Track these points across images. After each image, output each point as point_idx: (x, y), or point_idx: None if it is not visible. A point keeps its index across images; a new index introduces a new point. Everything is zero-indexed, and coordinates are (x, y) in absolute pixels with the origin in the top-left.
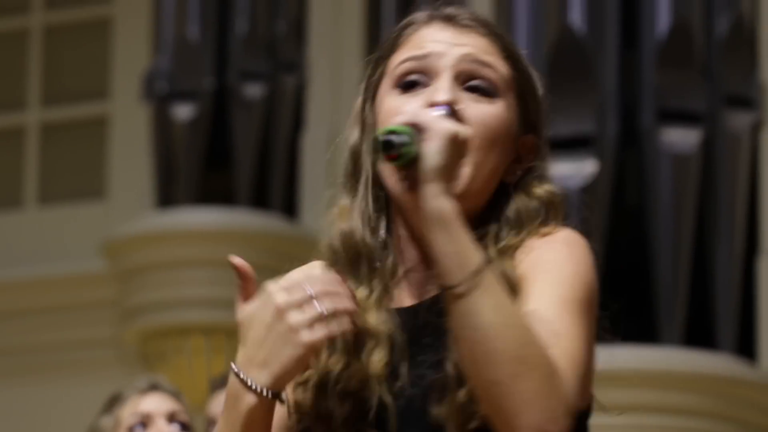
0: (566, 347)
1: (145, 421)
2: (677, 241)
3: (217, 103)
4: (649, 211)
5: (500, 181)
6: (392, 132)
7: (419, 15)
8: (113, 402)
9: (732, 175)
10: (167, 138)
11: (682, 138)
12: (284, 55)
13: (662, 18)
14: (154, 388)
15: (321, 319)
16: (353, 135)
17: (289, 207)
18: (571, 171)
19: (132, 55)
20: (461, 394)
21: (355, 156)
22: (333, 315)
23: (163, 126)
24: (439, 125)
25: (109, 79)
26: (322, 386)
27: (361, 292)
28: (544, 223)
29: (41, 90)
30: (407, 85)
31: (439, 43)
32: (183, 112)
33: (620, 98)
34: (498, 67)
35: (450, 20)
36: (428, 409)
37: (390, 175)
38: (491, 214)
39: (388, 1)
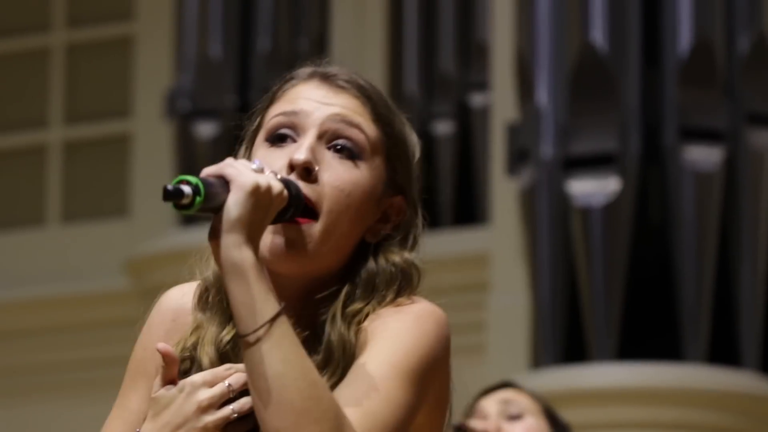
0: (376, 408)
1: None
2: (700, 259)
3: (239, 121)
4: (672, 228)
5: (362, 240)
6: (182, 181)
7: (301, 71)
8: None
9: (754, 192)
10: (190, 155)
11: (704, 156)
12: None
13: (684, 36)
14: None
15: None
16: None
17: None
18: (594, 189)
19: (154, 73)
20: None
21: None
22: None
23: (185, 144)
24: (241, 178)
25: (132, 97)
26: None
27: (222, 334)
28: (399, 292)
29: (64, 108)
30: (277, 139)
31: (310, 101)
32: (205, 129)
33: (643, 116)
34: (365, 129)
35: (327, 79)
36: None
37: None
38: (348, 272)
39: (409, 19)
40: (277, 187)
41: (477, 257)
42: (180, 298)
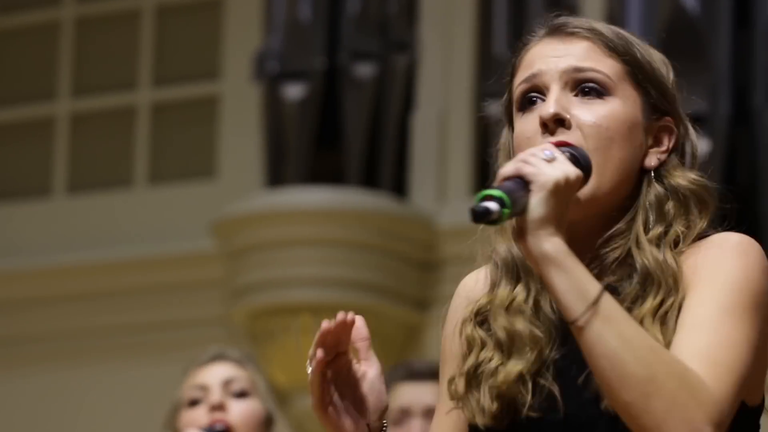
0: (720, 356)
1: (201, 393)
2: None
3: (327, 83)
4: (761, 189)
5: (642, 169)
6: (486, 197)
7: (531, 34)
8: (184, 372)
9: None
10: (278, 118)
11: None
12: (395, 34)
13: None
14: (215, 358)
15: None
16: (503, 164)
17: (400, 186)
18: None
19: (243, 36)
20: None
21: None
22: None
23: (273, 106)
24: (541, 178)
25: (221, 59)
26: (474, 379)
27: (520, 295)
28: (699, 213)
29: (153, 70)
30: (527, 104)
31: (544, 59)
32: (294, 91)
33: (733, 78)
34: (600, 68)
35: (555, 32)
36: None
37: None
38: (634, 203)
39: None
40: (573, 174)
41: None
42: (474, 285)
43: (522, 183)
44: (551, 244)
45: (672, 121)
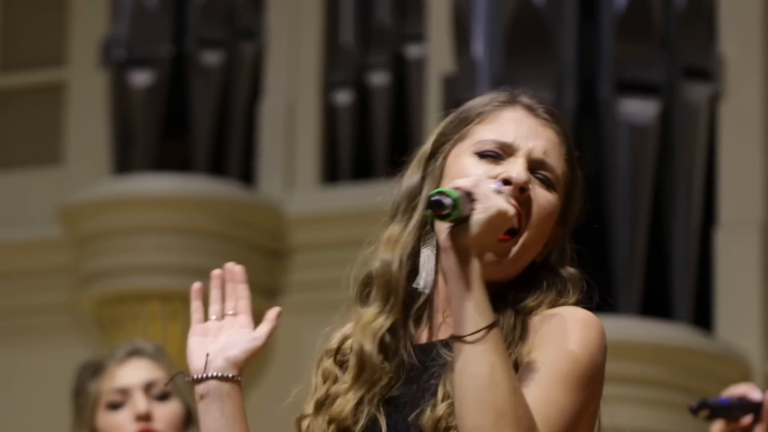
0: (550, 416)
1: (122, 397)
2: (635, 212)
3: (174, 71)
4: (606, 181)
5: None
6: (442, 193)
7: (502, 95)
8: (97, 369)
9: (690, 146)
10: (125, 104)
11: (640, 109)
12: (242, 22)
13: None
14: (131, 354)
15: None
16: (414, 177)
17: (246, 174)
18: None
19: (90, 22)
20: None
21: (411, 197)
22: None
23: (120, 92)
24: (491, 201)
25: (67, 46)
26: (320, 407)
27: (378, 320)
28: (563, 295)
29: None
30: (484, 155)
31: (520, 134)
32: (141, 78)
33: (579, 69)
34: (558, 167)
35: (532, 111)
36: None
37: (442, 229)
38: (518, 284)
39: None
40: (511, 212)
41: None
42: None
43: (470, 199)
44: (472, 263)
45: (565, 231)
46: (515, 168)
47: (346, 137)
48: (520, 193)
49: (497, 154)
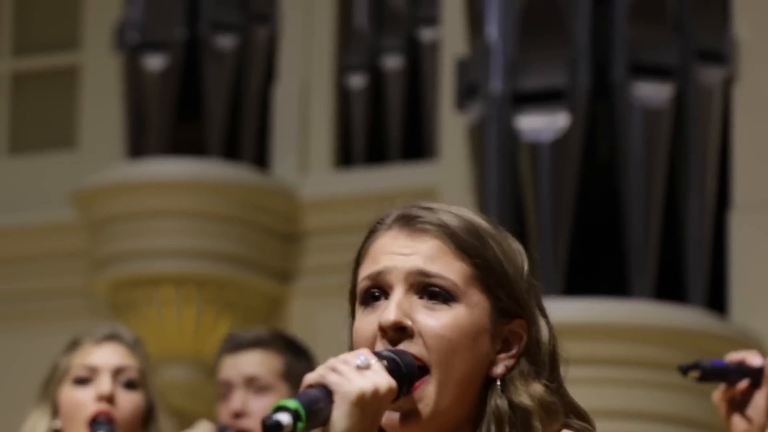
0: None
1: (90, 374)
2: (648, 195)
3: (188, 54)
4: (620, 165)
5: (486, 375)
6: (281, 408)
7: (383, 219)
8: (72, 345)
9: (703, 129)
10: (138, 88)
11: (653, 92)
12: (256, 6)
13: None
14: (109, 338)
15: None
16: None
17: (260, 158)
18: (543, 124)
19: (103, 5)
20: None
21: None
22: None
23: (134, 76)
24: (344, 387)
25: (81, 29)
26: None
27: None
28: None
29: (12, 40)
30: (370, 300)
31: (389, 256)
32: (154, 62)
33: (592, 52)
34: (450, 272)
35: (406, 224)
36: None
37: None
38: (480, 414)
39: None
40: (383, 385)
41: (425, 192)
42: None
43: (327, 393)
44: None
45: (523, 324)
46: (386, 309)
47: (359, 121)
48: (404, 333)
49: (378, 293)
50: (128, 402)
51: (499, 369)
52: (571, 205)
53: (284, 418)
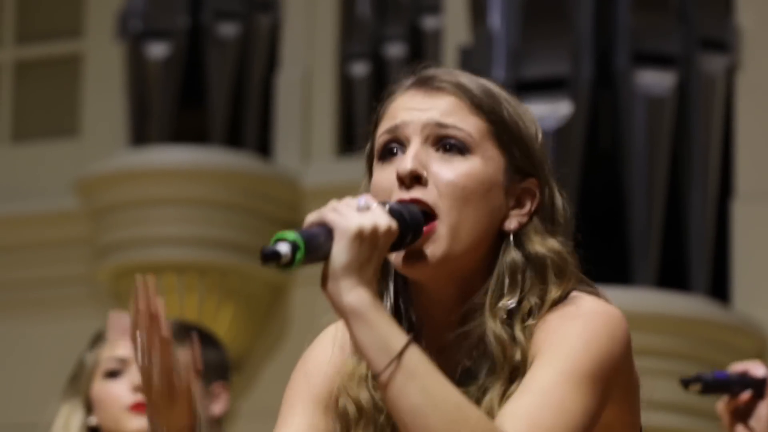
0: (545, 419)
1: (121, 366)
2: (651, 184)
3: (191, 42)
4: (623, 153)
5: (500, 231)
6: (280, 239)
7: (400, 83)
8: (97, 339)
9: (706, 118)
10: (141, 76)
11: (656, 80)
12: None
13: None
14: None
15: None
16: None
17: (263, 146)
18: (546, 112)
19: None
20: None
21: None
22: None
23: (137, 64)
24: (343, 223)
25: (84, 17)
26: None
27: (361, 366)
28: (556, 283)
29: (15, 28)
30: (387, 155)
31: (408, 111)
32: (157, 50)
33: (595, 40)
34: (465, 125)
35: (423, 84)
36: None
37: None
38: (493, 266)
39: None
40: (383, 224)
41: None
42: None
43: (327, 230)
44: (354, 295)
45: (536, 183)
46: (403, 159)
47: (362, 109)
48: (419, 181)
49: (395, 148)
50: None
51: (512, 224)
52: (573, 194)
53: (283, 247)
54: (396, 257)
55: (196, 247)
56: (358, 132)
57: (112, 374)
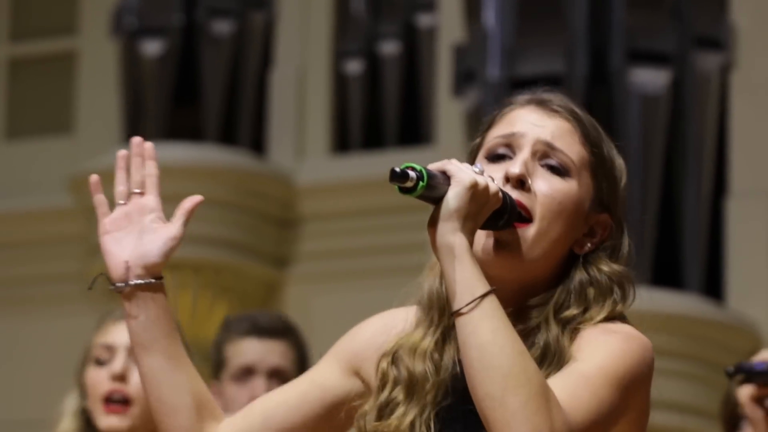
0: (582, 396)
1: (108, 354)
2: (645, 181)
3: (185, 39)
4: (617, 150)
5: (570, 251)
6: (410, 167)
7: (520, 98)
8: (99, 322)
9: (701, 116)
10: (135, 73)
11: (651, 78)
12: None
13: None
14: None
15: None
16: None
17: (257, 143)
18: None
19: None
20: None
21: None
22: None
23: (131, 61)
24: (461, 174)
25: (78, 15)
26: (382, 415)
27: (425, 342)
28: (614, 303)
29: (10, 25)
30: (495, 157)
31: (525, 123)
32: (151, 47)
33: (590, 38)
34: (570, 152)
35: (541, 104)
36: None
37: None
38: (559, 281)
39: None
40: (494, 187)
41: None
42: (401, 321)
43: (445, 178)
44: (456, 237)
45: (610, 218)
46: (513, 163)
47: (356, 106)
48: (522, 186)
49: (505, 152)
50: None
51: (583, 247)
52: None
53: (411, 173)
54: (486, 243)
55: (190, 245)
56: (352, 129)
57: (99, 362)
